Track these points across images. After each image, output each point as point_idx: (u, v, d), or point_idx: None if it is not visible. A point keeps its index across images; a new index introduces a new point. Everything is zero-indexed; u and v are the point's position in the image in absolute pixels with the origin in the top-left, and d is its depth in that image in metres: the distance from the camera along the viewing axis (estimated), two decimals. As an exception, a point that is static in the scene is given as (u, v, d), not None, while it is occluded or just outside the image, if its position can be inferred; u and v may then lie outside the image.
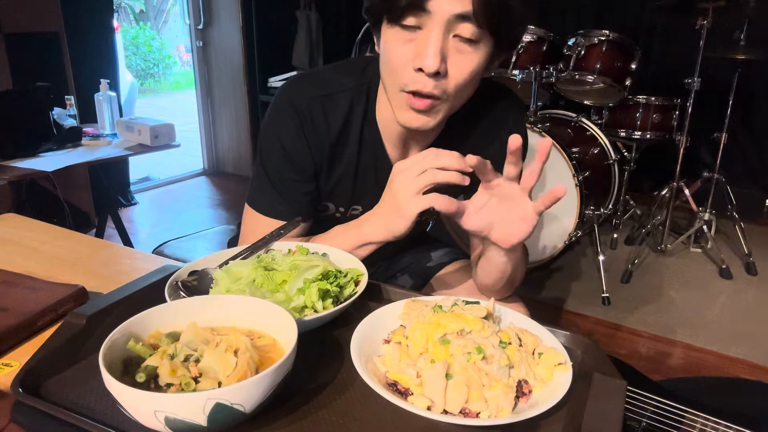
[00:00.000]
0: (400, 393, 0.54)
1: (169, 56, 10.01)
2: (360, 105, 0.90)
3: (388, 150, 0.94)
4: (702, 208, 2.79)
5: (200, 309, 0.59)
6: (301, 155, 0.89)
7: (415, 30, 0.74)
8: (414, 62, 0.75)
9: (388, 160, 0.94)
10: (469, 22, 0.72)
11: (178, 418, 0.45)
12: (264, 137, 0.92)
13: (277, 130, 0.89)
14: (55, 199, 2.36)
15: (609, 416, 0.50)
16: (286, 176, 0.90)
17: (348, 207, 0.99)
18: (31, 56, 2.77)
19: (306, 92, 0.88)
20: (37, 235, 1.02)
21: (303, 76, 0.93)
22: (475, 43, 0.75)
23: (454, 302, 0.64)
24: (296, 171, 0.90)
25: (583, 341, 0.64)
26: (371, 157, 0.93)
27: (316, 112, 0.88)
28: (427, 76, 0.75)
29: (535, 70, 2.55)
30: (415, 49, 0.74)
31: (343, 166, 0.93)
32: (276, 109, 0.90)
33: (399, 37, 0.76)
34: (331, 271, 0.70)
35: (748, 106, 3.48)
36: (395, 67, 0.77)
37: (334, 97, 0.89)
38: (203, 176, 4.49)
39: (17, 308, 0.69)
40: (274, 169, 0.91)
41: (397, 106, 0.81)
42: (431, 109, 0.79)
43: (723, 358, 2.08)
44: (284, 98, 0.89)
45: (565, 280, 2.67)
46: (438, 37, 0.73)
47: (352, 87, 0.90)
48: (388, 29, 0.77)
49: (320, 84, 0.90)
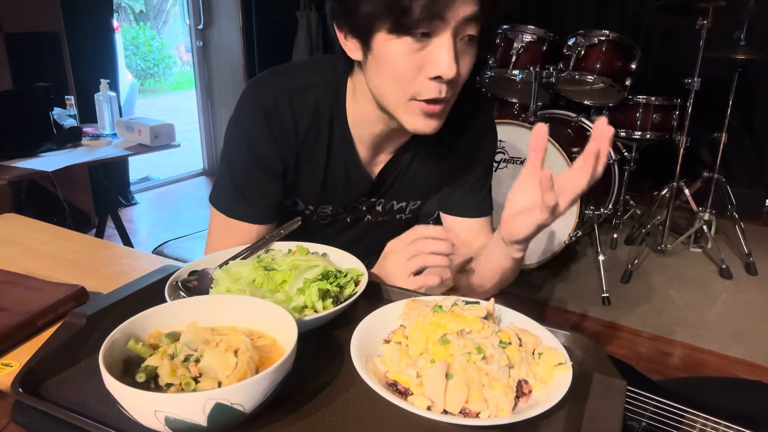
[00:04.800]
0: (400, 393, 0.54)
1: (169, 56, 10.01)
2: (328, 102, 0.88)
3: (358, 150, 0.92)
4: (702, 208, 2.79)
5: (200, 309, 0.59)
6: (268, 153, 0.87)
7: (425, 38, 0.73)
8: (428, 70, 0.73)
9: (358, 160, 0.93)
10: (475, 22, 0.73)
11: (178, 418, 0.45)
12: (230, 136, 0.90)
13: (244, 128, 0.88)
14: (55, 199, 2.36)
15: (609, 416, 0.50)
16: (252, 175, 0.88)
17: (318, 205, 0.97)
18: (31, 56, 2.77)
19: (273, 88, 0.87)
20: (37, 235, 1.02)
21: (270, 72, 0.91)
22: (475, 41, 0.76)
23: (454, 302, 0.64)
24: (264, 170, 0.88)
25: (583, 341, 0.64)
26: (341, 157, 0.92)
27: (282, 107, 0.86)
28: (442, 83, 0.74)
29: (535, 70, 2.55)
30: (426, 57, 0.73)
31: (312, 165, 0.91)
32: (242, 107, 0.88)
33: (407, 48, 0.73)
34: (331, 271, 0.70)
35: (748, 106, 3.49)
36: (404, 77, 0.75)
37: (302, 93, 0.87)
38: (203, 176, 4.49)
39: (17, 308, 0.69)
40: (241, 169, 0.89)
41: (405, 114, 0.79)
42: (443, 111, 0.79)
43: (723, 358, 2.08)
44: (251, 96, 0.88)
45: (565, 280, 2.67)
46: (451, 43, 0.72)
47: (319, 84, 0.88)
48: (390, 39, 0.73)
49: (287, 79, 0.88)
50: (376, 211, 1.02)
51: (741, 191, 3.12)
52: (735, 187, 2.93)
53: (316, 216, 0.99)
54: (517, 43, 2.74)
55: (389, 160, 0.95)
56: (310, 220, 0.99)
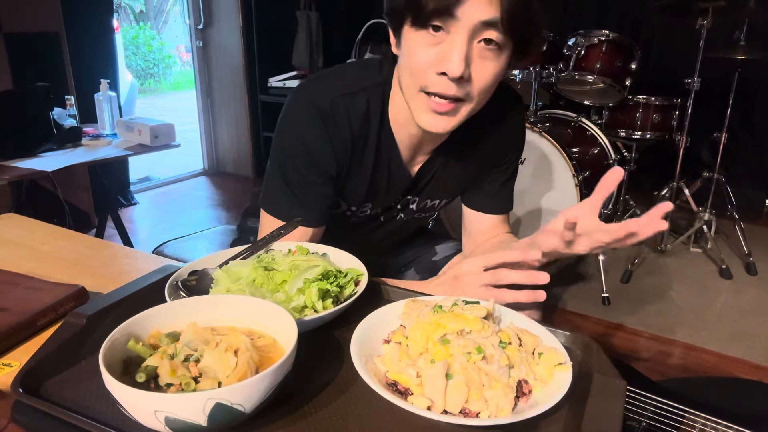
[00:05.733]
0: (400, 393, 0.54)
1: (169, 56, 10.01)
2: (377, 105, 0.89)
3: (400, 150, 0.94)
4: (702, 208, 2.79)
5: (200, 309, 0.59)
6: (325, 157, 0.88)
7: (441, 34, 0.74)
8: (438, 66, 0.75)
9: (401, 159, 0.94)
10: (495, 29, 0.73)
11: (178, 418, 0.45)
12: (283, 139, 0.89)
13: (300, 131, 0.87)
14: (55, 199, 2.36)
15: (609, 416, 0.50)
16: (308, 179, 0.89)
17: (360, 205, 0.98)
18: (31, 56, 2.77)
19: (327, 92, 0.87)
20: (37, 235, 1.02)
21: (321, 76, 0.92)
22: (498, 49, 0.75)
23: (454, 302, 0.64)
24: (319, 174, 0.88)
25: (583, 341, 0.64)
26: (386, 158, 0.93)
27: (338, 111, 0.87)
28: (449, 80, 0.75)
29: (535, 70, 2.55)
30: (440, 53, 0.74)
31: (362, 167, 0.92)
32: (297, 110, 0.88)
33: (424, 41, 0.75)
34: (331, 271, 0.70)
35: (748, 106, 3.49)
36: (417, 69, 0.77)
37: (355, 96, 0.88)
38: (203, 176, 4.49)
39: (17, 308, 0.69)
40: (296, 173, 0.89)
41: (416, 108, 0.81)
42: (452, 110, 0.79)
43: (723, 358, 2.08)
44: (305, 99, 0.88)
45: (565, 280, 2.67)
46: (463, 43, 0.73)
47: (369, 86, 0.89)
48: (412, 32, 0.76)
49: (340, 83, 0.89)
50: (410, 210, 1.04)
51: (741, 191, 3.11)
52: (735, 187, 2.93)
53: (355, 217, 0.99)
54: (517, 43, 2.74)
55: (426, 160, 0.97)
56: (349, 220, 1.00)
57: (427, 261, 1.16)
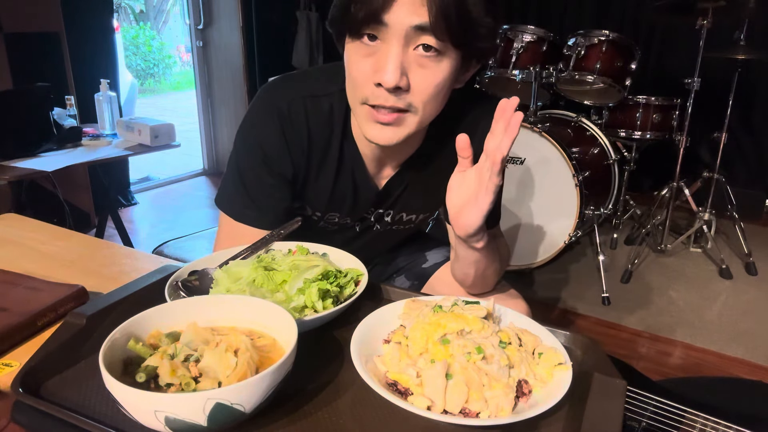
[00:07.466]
0: (400, 393, 0.54)
1: (169, 56, 10.01)
2: (341, 112, 0.87)
3: (366, 162, 0.91)
4: (702, 208, 2.79)
5: (200, 309, 0.59)
6: (280, 157, 0.86)
7: (377, 43, 0.71)
8: (374, 77, 0.72)
9: (366, 171, 0.91)
10: (429, 34, 0.69)
11: (178, 418, 0.45)
12: (241, 138, 0.89)
13: (256, 131, 0.86)
14: (55, 199, 2.36)
15: (609, 416, 0.50)
16: (263, 180, 0.87)
17: (325, 212, 0.96)
18: (31, 56, 2.77)
19: (288, 92, 0.86)
20: (37, 235, 1.02)
21: (288, 77, 0.90)
22: (437, 56, 0.71)
23: (454, 302, 0.64)
24: (274, 174, 0.87)
25: (583, 341, 0.64)
26: (350, 167, 0.91)
27: (296, 112, 0.85)
28: (387, 91, 0.72)
29: (535, 70, 2.55)
30: (375, 63, 0.72)
31: (323, 173, 0.90)
32: (256, 110, 0.87)
33: (359, 51, 0.73)
34: (331, 271, 0.70)
35: (748, 106, 3.49)
36: (356, 81, 0.74)
37: (318, 100, 0.86)
38: (203, 176, 4.49)
39: (17, 308, 0.69)
40: (251, 173, 0.87)
41: (361, 120, 0.78)
42: (397, 122, 0.76)
43: (723, 358, 2.08)
44: (265, 98, 0.87)
45: (565, 280, 2.67)
46: (397, 51, 0.70)
47: (335, 92, 0.86)
48: (350, 43, 0.74)
49: (303, 85, 0.87)
50: (386, 222, 1.01)
51: (741, 191, 3.11)
52: (735, 187, 2.93)
53: (322, 222, 0.98)
54: (517, 43, 2.74)
55: (395, 173, 0.94)
56: (316, 226, 0.98)
57: (417, 268, 1.14)
